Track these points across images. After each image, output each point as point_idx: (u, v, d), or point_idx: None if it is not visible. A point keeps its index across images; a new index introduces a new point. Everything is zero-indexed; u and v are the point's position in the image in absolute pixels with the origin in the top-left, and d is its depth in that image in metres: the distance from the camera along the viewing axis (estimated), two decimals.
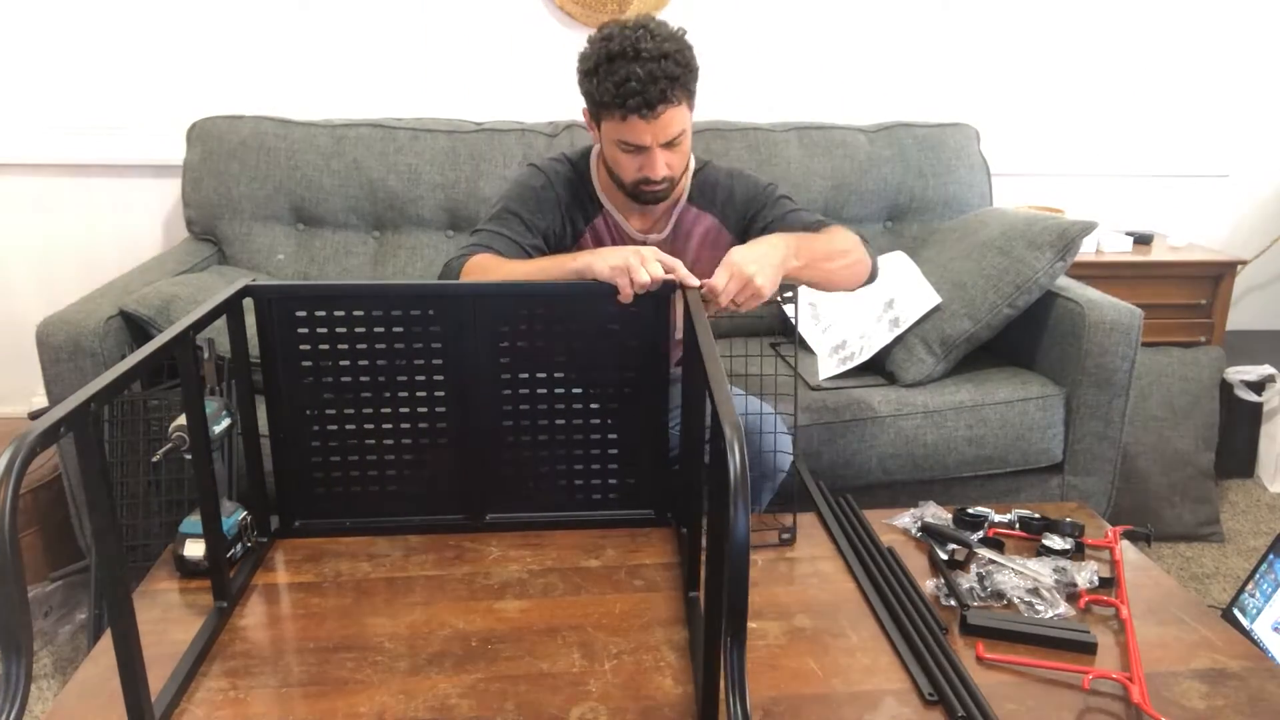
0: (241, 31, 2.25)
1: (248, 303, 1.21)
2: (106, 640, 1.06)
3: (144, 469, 1.60)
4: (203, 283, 1.79)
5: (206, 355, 1.20)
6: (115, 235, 2.35)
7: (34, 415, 1.62)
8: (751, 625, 1.10)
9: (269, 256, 2.14)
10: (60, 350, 1.58)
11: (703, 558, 1.09)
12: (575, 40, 2.32)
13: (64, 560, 1.86)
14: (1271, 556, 1.69)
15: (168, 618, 1.11)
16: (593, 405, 1.30)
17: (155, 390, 1.64)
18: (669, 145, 1.36)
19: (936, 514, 1.36)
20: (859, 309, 2.00)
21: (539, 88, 2.37)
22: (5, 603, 0.67)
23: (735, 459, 0.71)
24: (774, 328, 2.23)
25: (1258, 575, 1.70)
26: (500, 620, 1.11)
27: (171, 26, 2.22)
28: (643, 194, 1.42)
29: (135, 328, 1.67)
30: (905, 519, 1.36)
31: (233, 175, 2.11)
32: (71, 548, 1.82)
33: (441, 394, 1.27)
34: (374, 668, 1.02)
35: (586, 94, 1.37)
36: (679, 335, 1.27)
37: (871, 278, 1.51)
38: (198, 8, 2.22)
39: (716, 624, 0.87)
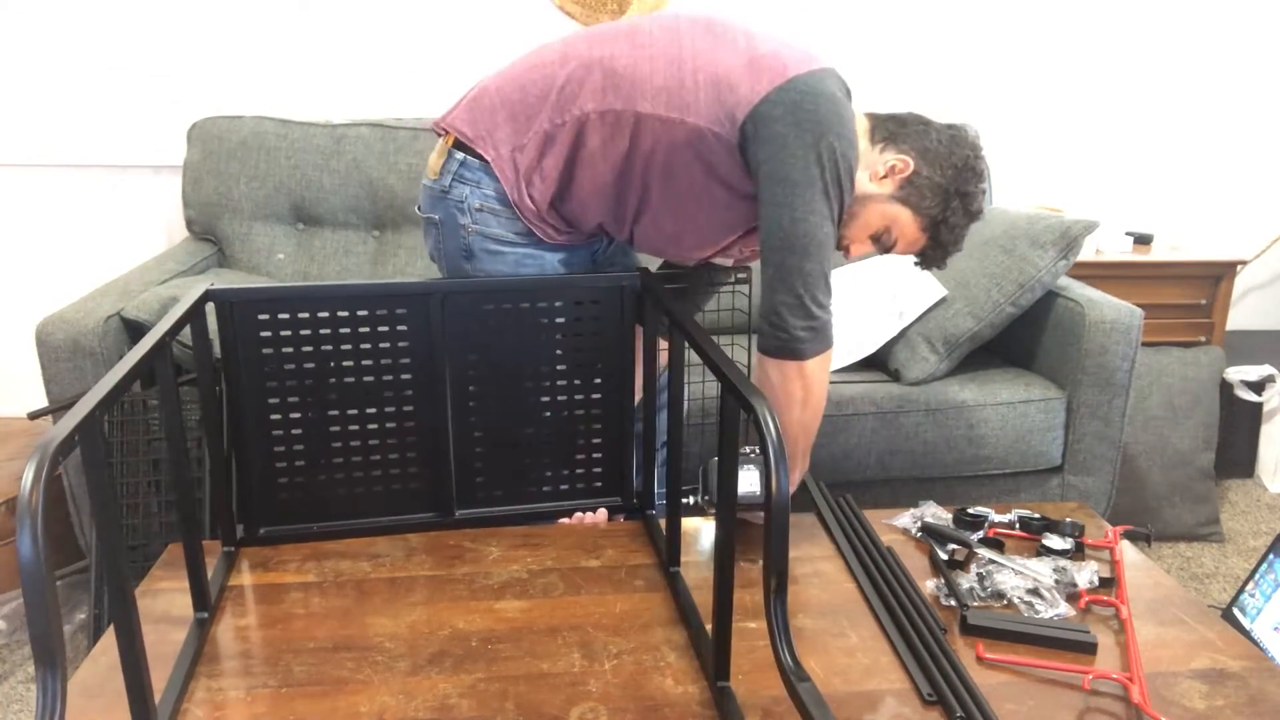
0: (241, 31, 2.25)
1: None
2: (106, 640, 1.06)
3: (144, 469, 1.60)
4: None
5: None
6: (115, 235, 2.35)
7: (33, 415, 1.62)
8: (752, 625, 1.10)
9: (269, 256, 2.14)
10: (60, 350, 1.58)
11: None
12: None
13: (64, 560, 1.86)
14: (1271, 556, 1.69)
15: (167, 618, 1.11)
16: (560, 398, 1.31)
17: (154, 390, 1.64)
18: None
19: (936, 514, 1.36)
20: (863, 302, 2.00)
21: None
22: (38, 614, 0.65)
23: (771, 428, 0.78)
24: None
25: (1258, 575, 1.70)
26: (500, 620, 1.11)
27: (171, 27, 2.22)
28: None
29: (135, 327, 1.67)
30: (905, 519, 1.36)
31: (233, 175, 2.11)
32: (71, 548, 1.82)
33: (410, 393, 1.27)
34: (374, 668, 1.02)
35: (930, 186, 1.23)
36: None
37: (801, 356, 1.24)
38: (198, 8, 2.22)
39: (728, 571, 0.93)
